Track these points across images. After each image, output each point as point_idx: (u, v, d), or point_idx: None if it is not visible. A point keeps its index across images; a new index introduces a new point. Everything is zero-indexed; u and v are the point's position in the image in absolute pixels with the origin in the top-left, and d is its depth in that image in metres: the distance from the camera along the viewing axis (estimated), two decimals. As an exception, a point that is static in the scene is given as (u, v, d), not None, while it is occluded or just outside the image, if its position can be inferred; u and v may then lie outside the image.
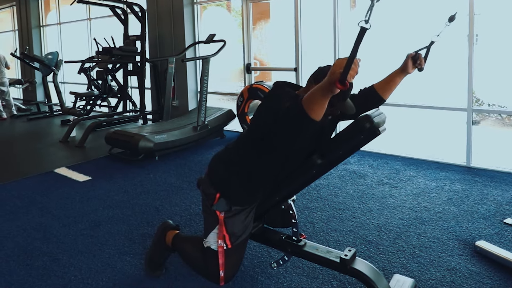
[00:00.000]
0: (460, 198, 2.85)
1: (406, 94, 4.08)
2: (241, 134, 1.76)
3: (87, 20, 7.67)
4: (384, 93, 1.75)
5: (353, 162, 3.74)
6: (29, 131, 6.01)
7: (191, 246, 1.82)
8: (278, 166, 1.64)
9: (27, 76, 8.85)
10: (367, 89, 1.79)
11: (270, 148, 1.56)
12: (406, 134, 4.72)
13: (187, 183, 3.38)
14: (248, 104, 4.76)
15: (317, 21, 4.88)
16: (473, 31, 3.46)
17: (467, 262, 2.05)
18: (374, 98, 1.75)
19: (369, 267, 1.64)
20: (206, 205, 1.73)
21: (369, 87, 1.79)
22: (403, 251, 2.17)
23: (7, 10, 9.96)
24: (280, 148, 1.55)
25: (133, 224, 2.61)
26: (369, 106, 1.77)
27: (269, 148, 1.57)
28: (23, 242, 2.41)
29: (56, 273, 2.06)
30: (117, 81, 6.11)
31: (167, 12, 5.79)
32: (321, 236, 2.37)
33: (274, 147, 1.55)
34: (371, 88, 1.77)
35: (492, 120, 4.49)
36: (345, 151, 1.59)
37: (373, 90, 1.76)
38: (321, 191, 3.07)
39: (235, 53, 5.44)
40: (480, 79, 3.69)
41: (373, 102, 1.75)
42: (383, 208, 2.74)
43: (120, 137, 4.16)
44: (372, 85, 1.77)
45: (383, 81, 1.76)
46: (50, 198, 3.12)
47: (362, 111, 1.75)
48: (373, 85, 1.77)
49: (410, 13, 4.30)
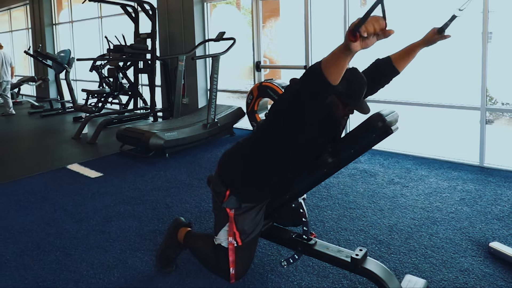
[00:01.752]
0: (473, 198, 2.81)
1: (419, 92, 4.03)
2: (254, 130, 1.76)
3: (99, 18, 7.74)
4: (399, 65, 1.71)
5: (364, 161, 3.71)
6: (42, 127, 6.10)
7: (202, 243, 1.83)
8: (290, 162, 1.63)
9: (40, 74, 8.99)
10: (382, 59, 1.75)
11: (284, 140, 1.53)
12: (418, 133, 4.66)
13: (197, 181, 3.39)
14: (258, 102, 4.75)
15: (327, 18, 4.85)
16: (487, 29, 3.40)
17: (480, 263, 2.02)
18: (388, 69, 1.72)
19: (380, 267, 1.63)
20: (216, 202, 1.74)
21: (384, 57, 1.75)
22: (415, 251, 2.15)
23: (21, 9, 10.12)
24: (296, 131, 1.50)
25: (144, 221, 2.63)
26: (382, 78, 1.74)
27: (283, 141, 1.53)
28: (37, 237, 2.45)
29: (68, 268, 2.09)
30: (128, 78, 6.15)
31: (177, 10, 5.81)
32: (332, 235, 2.36)
33: (291, 132, 1.50)
34: (387, 58, 1.73)
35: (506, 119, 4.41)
36: (357, 149, 1.58)
37: (389, 61, 1.72)
38: (331, 189, 3.06)
39: (244, 51, 5.44)
40: (494, 77, 3.63)
41: (387, 74, 1.73)
42: (394, 207, 2.71)
43: (131, 134, 4.20)
44: (388, 56, 1.74)
45: (401, 51, 1.72)
46: (62, 194, 3.17)
47: (374, 84, 1.72)
48: (389, 56, 1.74)
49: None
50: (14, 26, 10.77)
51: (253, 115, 4.81)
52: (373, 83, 1.71)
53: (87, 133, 5.23)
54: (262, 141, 1.62)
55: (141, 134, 4.07)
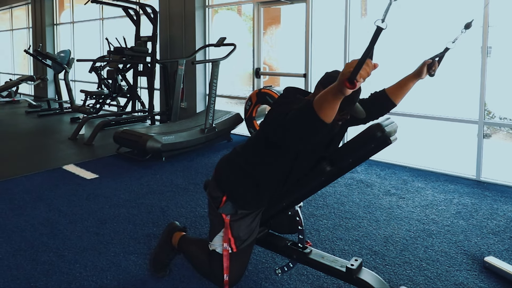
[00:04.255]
0: (469, 212, 2.81)
1: (417, 104, 4.05)
2: (251, 137, 1.75)
3: (100, 20, 7.76)
4: (396, 97, 1.73)
5: (360, 171, 3.72)
6: (39, 127, 6.07)
7: (197, 249, 1.82)
8: (287, 170, 1.63)
9: (39, 73, 8.97)
10: (378, 93, 1.77)
11: (280, 151, 1.55)
12: (415, 145, 4.67)
13: (193, 185, 3.38)
14: (256, 108, 4.76)
15: (328, 28, 4.88)
16: (487, 43, 3.43)
17: (475, 277, 2.01)
18: (385, 102, 1.74)
19: (375, 278, 1.62)
20: (212, 208, 1.73)
21: (380, 91, 1.77)
22: (410, 263, 2.15)
23: (22, 8, 10.13)
24: (289, 151, 1.54)
25: (138, 224, 2.62)
26: (380, 110, 1.76)
27: (279, 151, 1.55)
28: (30, 237, 2.42)
29: (61, 269, 2.07)
30: (127, 81, 6.16)
31: (179, 15, 5.83)
32: (327, 244, 2.35)
33: (284, 150, 1.54)
34: (383, 92, 1.75)
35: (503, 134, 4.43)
36: (355, 159, 1.58)
37: (384, 94, 1.74)
38: (328, 198, 3.05)
39: (244, 57, 5.46)
40: (493, 92, 3.66)
41: (384, 106, 1.74)
42: (390, 218, 2.71)
43: (129, 136, 4.19)
44: (383, 89, 1.76)
45: (395, 85, 1.74)
46: (57, 194, 3.14)
47: (372, 115, 1.74)
48: (384, 89, 1.76)
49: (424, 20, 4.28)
50: (15, 25, 10.77)
51: (251, 121, 4.81)
52: (371, 115, 1.72)
53: (84, 134, 5.22)
54: (258, 150, 1.62)
55: (138, 137, 4.06)
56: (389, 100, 1.73)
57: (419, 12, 4.29)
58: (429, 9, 4.28)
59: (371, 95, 1.80)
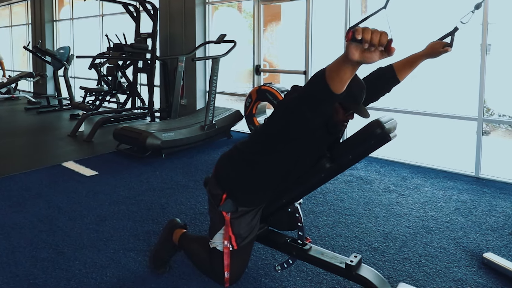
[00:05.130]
0: (468, 208, 2.82)
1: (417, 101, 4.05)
2: (252, 133, 1.75)
3: (100, 16, 7.73)
4: (401, 73, 1.73)
5: (360, 168, 3.72)
6: (38, 124, 6.06)
7: (197, 246, 1.82)
8: (289, 167, 1.62)
9: (38, 70, 8.94)
10: (385, 67, 1.76)
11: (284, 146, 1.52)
12: (415, 142, 4.68)
13: (193, 182, 3.38)
14: (256, 105, 4.76)
15: (328, 25, 4.87)
16: (486, 41, 3.43)
17: (474, 273, 2.02)
18: (389, 77, 1.73)
19: (374, 274, 1.63)
20: (212, 205, 1.73)
21: (387, 65, 1.76)
22: (409, 259, 2.15)
23: (22, 4, 10.09)
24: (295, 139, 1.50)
25: (138, 221, 2.62)
26: (382, 86, 1.75)
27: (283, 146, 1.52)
28: (29, 234, 2.42)
29: (60, 266, 2.07)
30: (126, 77, 6.14)
31: (179, 11, 5.81)
32: (326, 241, 2.36)
33: (288, 143, 1.50)
34: (390, 66, 1.74)
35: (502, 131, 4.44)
36: (355, 156, 1.58)
37: (391, 68, 1.73)
38: (327, 195, 3.06)
39: (244, 54, 5.44)
40: (492, 89, 3.66)
41: (386, 81, 1.74)
42: (389, 215, 2.71)
43: (128, 133, 4.18)
44: (391, 64, 1.75)
45: (403, 60, 1.73)
46: (57, 191, 3.14)
47: (377, 90, 1.74)
48: (392, 64, 1.75)
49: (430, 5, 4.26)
50: (14, 21, 10.73)
51: (251, 118, 4.81)
52: (374, 90, 1.72)
53: (83, 131, 5.21)
54: (259, 147, 1.61)
55: (138, 134, 4.06)
56: (394, 75, 1.72)
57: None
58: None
59: (377, 69, 1.79)
